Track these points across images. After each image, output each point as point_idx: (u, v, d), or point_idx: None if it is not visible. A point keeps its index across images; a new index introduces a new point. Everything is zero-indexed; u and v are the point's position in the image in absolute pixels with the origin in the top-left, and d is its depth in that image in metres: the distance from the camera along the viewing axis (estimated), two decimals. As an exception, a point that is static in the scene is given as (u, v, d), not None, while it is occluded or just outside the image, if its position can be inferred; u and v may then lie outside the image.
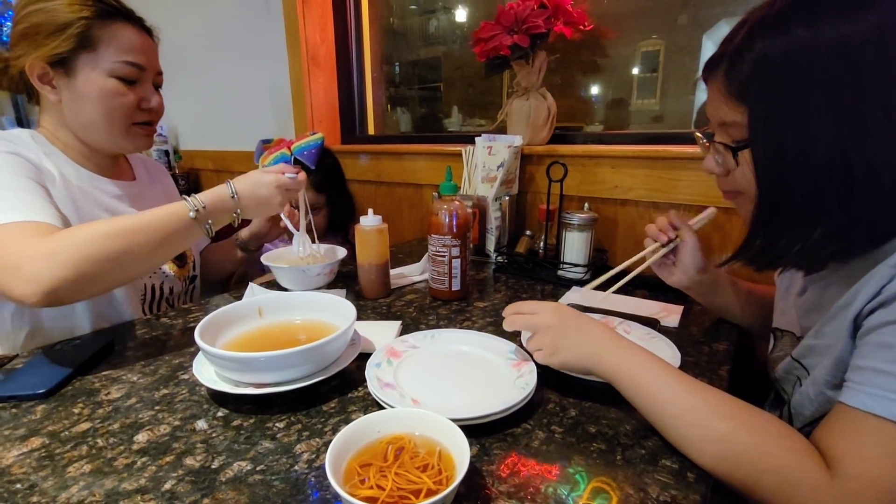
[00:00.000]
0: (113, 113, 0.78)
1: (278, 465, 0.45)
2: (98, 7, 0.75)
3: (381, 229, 0.88)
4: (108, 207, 0.84)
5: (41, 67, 0.74)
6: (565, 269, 1.00)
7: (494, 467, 0.44)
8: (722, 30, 1.14)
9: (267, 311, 0.68)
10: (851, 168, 0.43)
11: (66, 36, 0.73)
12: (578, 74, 1.36)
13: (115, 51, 0.76)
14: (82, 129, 0.80)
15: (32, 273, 0.59)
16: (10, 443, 0.48)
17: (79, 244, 0.61)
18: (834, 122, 0.43)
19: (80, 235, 0.63)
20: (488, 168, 1.14)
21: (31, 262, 0.59)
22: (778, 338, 0.64)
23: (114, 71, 0.77)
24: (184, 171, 2.31)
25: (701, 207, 1.02)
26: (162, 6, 2.12)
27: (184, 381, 0.60)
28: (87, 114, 0.78)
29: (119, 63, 0.77)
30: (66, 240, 0.62)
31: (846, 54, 0.41)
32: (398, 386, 0.56)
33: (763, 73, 0.45)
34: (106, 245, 0.63)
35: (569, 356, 0.55)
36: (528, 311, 0.59)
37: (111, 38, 0.76)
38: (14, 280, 0.59)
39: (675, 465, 0.45)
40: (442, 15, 1.65)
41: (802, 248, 0.48)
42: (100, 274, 0.63)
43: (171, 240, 0.69)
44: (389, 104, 1.88)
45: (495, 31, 1.14)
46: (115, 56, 0.76)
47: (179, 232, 0.69)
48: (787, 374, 0.57)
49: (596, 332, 0.55)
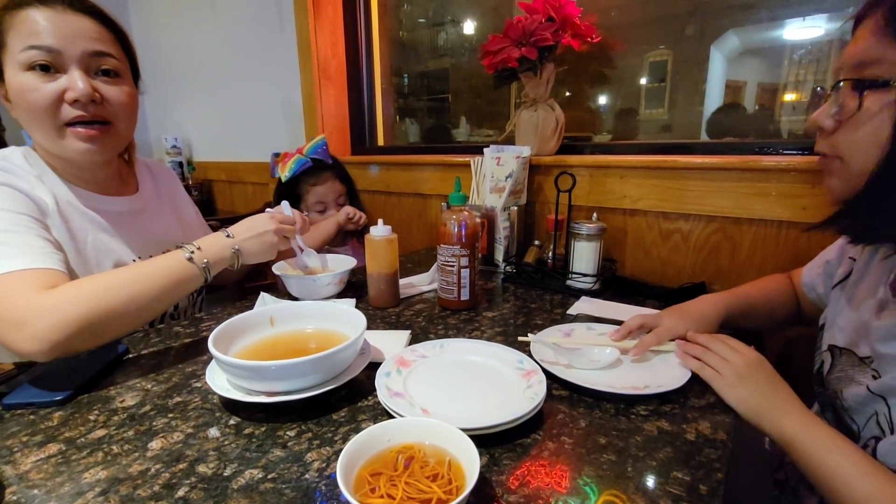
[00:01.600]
0: (33, 112, 0.68)
1: (289, 473, 0.45)
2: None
3: (391, 239, 0.89)
4: (107, 228, 0.81)
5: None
6: (574, 279, 1.00)
7: (504, 477, 0.44)
8: (730, 40, 1.15)
9: (278, 321, 0.68)
10: None
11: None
12: (586, 85, 1.37)
13: (21, 38, 0.66)
14: (35, 137, 0.72)
15: (38, 331, 0.60)
16: (28, 448, 0.49)
17: (82, 299, 0.62)
18: None
19: (84, 289, 0.63)
20: (497, 178, 1.15)
21: (35, 321, 0.60)
22: (836, 356, 0.61)
23: (23, 63, 0.67)
24: (197, 182, 2.35)
25: (711, 217, 1.02)
26: (177, 21, 2.18)
27: (196, 389, 0.61)
28: (23, 119, 0.70)
29: (25, 50, 0.66)
30: (69, 294, 0.62)
31: None
32: (408, 395, 0.56)
33: None
34: (108, 298, 0.63)
35: (747, 398, 0.55)
36: (734, 345, 0.60)
37: (16, 26, 0.66)
38: (19, 338, 0.60)
39: (688, 477, 0.45)
40: (450, 27, 1.67)
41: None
42: (103, 326, 0.64)
43: (171, 287, 0.69)
44: (398, 115, 1.90)
45: (504, 44, 1.16)
46: (21, 43, 0.66)
47: (178, 279, 0.69)
48: (859, 405, 0.55)
49: (785, 394, 0.55)
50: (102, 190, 0.83)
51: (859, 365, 0.56)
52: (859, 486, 0.46)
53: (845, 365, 0.59)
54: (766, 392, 0.55)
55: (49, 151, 0.75)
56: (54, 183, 0.77)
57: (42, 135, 0.72)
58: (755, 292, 0.78)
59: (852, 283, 0.63)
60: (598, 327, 0.76)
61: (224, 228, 0.77)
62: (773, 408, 0.53)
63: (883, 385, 0.52)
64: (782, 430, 0.52)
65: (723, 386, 0.57)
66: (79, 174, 0.80)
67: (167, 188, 1.01)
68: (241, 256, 0.76)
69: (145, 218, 0.90)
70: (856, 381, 0.56)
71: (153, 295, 0.67)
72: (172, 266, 0.69)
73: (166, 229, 0.94)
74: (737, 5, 1.12)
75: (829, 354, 0.63)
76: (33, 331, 0.60)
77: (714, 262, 1.03)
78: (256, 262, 0.81)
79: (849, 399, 0.56)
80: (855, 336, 0.58)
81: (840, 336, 0.61)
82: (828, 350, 0.63)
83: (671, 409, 0.56)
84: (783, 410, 0.53)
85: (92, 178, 0.82)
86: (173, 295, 0.70)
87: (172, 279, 0.69)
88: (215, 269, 0.73)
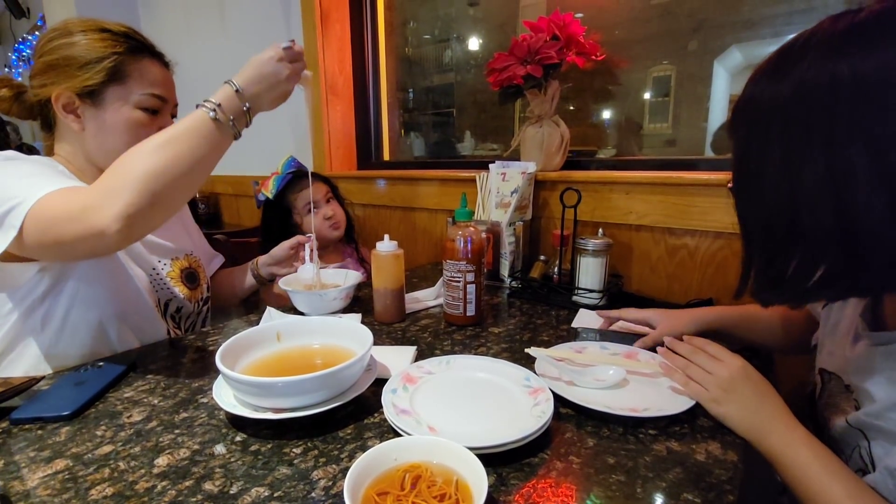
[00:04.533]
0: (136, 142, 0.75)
1: (295, 491, 0.45)
2: (130, 44, 0.80)
3: (397, 255, 0.89)
4: None
5: (68, 97, 0.77)
6: (580, 295, 0.99)
7: (512, 497, 0.44)
8: (733, 56, 1.16)
9: (285, 336, 0.69)
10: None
11: (99, 69, 0.76)
12: (591, 101, 1.39)
13: (142, 84, 0.81)
14: (104, 157, 0.81)
15: (106, 203, 0.58)
16: (35, 464, 0.49)
17: (134, 165, 0.61)
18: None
19: (129, 159, 0.62)
20: (502, 194, 1.15)
21: (99, 197, 0.59)
22: (826, 381, 0.60)
23: (140, 102, 0.81)
24: (204, 196, 2.37)
25: (717, 233, 1.01)
26: (186, 37, 2.23)
27: (203, 404, 0.61)
28: (111, 142, 0.80)
29: (145, 95, 0.81)
30: (118, 169, 0.62)
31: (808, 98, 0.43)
32: (414, 412, 0.56)
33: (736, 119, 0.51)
34: (155, 159, 0.62)
35: (734, 414, 0.54)
36: (712, 353, 0.59)
37: (139, 72, 0.80)
38: (91, 216, 0.59)
39: (698, 499, 0.44)
40: (456, 44, 1.70)
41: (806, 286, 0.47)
42: (162, 189, 0.62)
43: (207, 145, 0.67)
44: (404, 129, 1.92)
45: (509, 62, 1.17)
46: (141, 89, 0.80)
47: (211, 135, 0.67)
48: (842, 437, 0.54)
49: (772, 407, 0.53)
50: None
51: (844, 392, 0.56)
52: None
53: (833, 391, 0.58)
54: (752, 406, 0.53)
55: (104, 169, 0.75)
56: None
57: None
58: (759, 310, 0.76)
59: (838, 306, 0.62)
60: (611, 346, 0.75)
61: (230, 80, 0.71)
62: (759, 424, 0.52)
63: (859, 420, 0.51)
64: (768, 447, 0.51)
65: (709, 402, 0.56)
66: None
67: None
68: (251, 112, 0.73)
69: (158, 231, 0.93)
70: (841, 410, 0.55)
71: (196, 151, 0.65)
72: (200, 123, 0.66)
73: (175, 238, 0.98)
74: (739, 21, 1.14)
75: (820, 378, 0.62)
76: (111, 202, 0.58)
77: (722, 278, 1.02)
78: (272, 101, 0.76)
79: (834, 430, 0.56)
80: (840, 362, 0.58)
81: (829, 360, 0.61)
82: (819, 374, 0.62)
83: (680, 428, 0.56)
84: (769, 426, 0.52)
85: None
86: (213, 153, 0.68)
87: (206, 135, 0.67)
88: (239, 125, 0.71)
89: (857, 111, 0.41)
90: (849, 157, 0.41)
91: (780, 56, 0.47)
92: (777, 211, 0.46)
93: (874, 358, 0.51)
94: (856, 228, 0.42)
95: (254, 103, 0.72)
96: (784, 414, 0.53)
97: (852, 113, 0.41)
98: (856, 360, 0.54)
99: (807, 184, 0.43)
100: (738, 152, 0.51)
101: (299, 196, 1.33)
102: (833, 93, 0.41)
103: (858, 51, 0.40)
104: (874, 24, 0.41)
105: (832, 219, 0.43)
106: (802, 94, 0.43)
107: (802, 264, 0.46)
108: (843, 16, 0.43)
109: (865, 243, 0.42)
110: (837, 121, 0.41)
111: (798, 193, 0.44)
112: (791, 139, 0.44)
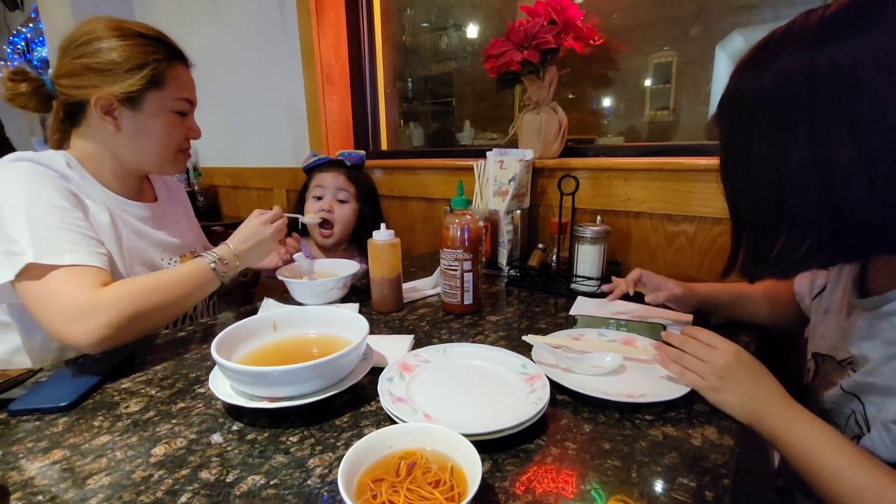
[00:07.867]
0: (169, 142, 0.86)
1: (291, 479, 0.45)
2: (167, 50, 0.82)
3: (394, 244, 0.89)
4: (138, 230, 0.88)
5: (108, 100, 0.78)
6: (578, 283, 0.99)
7: (507, 484, 0.44)
8: (735, 40, 1.14)
9: (282, 326, 0.69)
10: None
11: (142, 76, 0.78)
12: (590, 87, 1.37)
13: (178, 89, 0.84)
14: (136, 156, 0.85)
15: (93, 327, 0.66)
16: (32, 455, 0.49)
17: (130, 299, 0.70)
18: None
19: (131, 290, 0.71)
20: (500, 182, 1.14)
21: (92, 317, 0.66)
22: (819, 363, 0.62)
23: (174, 106, 0.85)
24: (203, 188, 2.36)
25: (716, 220, 1.01)
26: (182, 27, 2.20)
27: (200, 394, 0.61)
28: (146, 143, 0.84)
29: (180, 100, 0.85)
30: (119, 293, 0.70)
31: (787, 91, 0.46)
32: (410, 400, 0.56)
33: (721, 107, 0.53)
34: (146, 299, 0.71)
35: (732, 400, 0.54)
36: (706, 341, 0.59)
37: (175, 78, 0.84)
38: (76, 331, 0.66)
39: (693, 483, 0.44)
40: (453, 31, 1.67)
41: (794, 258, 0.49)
42: (145, 322, 0.72)
43: (196, 290, 0.79)
44: (402, 119, 1.91)
45: (506, 48, 1.16)
46: (176, 94, 0.84)
47: (204, 283, 0.79)
48: (837, 406, 0.55)
49: (768, 389, 0.54)
50: (134, 197, 0.90)
51: (839, 369, 0.57)
52: (848, 480, 0.45)
53: (827, 370, 0.60)
54: (748, 390, 0.54)
55: (141, 168, 0.89)
56: (91, 186, 0.83)
57: (156, 156, 0.87)
58: (748, 287, 0.81)
59: (828, 292, 0.64)
60: (609, 334, 0.75)
61: (226, 243, 0.86)
62: (756, 406, 0.53)
63: (853, 382, 0.53)
64: (767, 428, 0.52)
65: (706, 391, 0.56)
66: (121, 180, 0.88)
67: (178, 197, 1.08)
68: (240, 265, 0.86)
69: (164, 223, 0.95)
70: (834, 384, 0.56)
71: (183, 296, 0.77)
72: (198, 272, 0.79)
73: (181, 234, 1.00)
74: (741, 6, 1.12)
75: (813, 362, 0.64)
76: (88, 326, 0.66)
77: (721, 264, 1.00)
78: (257, 259, 0.92)
79: (827, 401, 0.57)
80: (834, 340, 0.59)
81: (822, 343, 0.62)
82: (811, 359, 0.64)
83: (676, 414, 0.56)
84: (766, 408, 0.52)
85: (128, 185, 0.89)
86: (198, 297, 0.80)
87: (198, 283, 0.79)
88: (228, 277, 0.84)
89: (834, 98, 0.43)
90: (829, 141, 0.44)
91: (759, 51, 0.49)
92: (764, 195, 0.49)
93: (866, 323, 0.54)
94: (839, 205, 0.45)
95: (242, 259, 0.86)
96: (780, 394, 0.53)
97: (830, 100, 0.44)
98: (850, 329, 0.56)
99: (791, 168, 0.46)
100: (724, 142, 0.53)
101: (316, 176, 1.28)
102: (811, 82, 0.44)
103: (832, 42, 0.43)
104: (843, 17, 0.44)
105: (816, 198, 0.46)
106: (782, 85, 0.46)
107: (790, 240, 0.49)
108: (814, 11, 0.46)
109: (848, 215, 0.45)
110: (816, 108, 0.44)
111: (783, 178, 0.47)
112: (774, 128, 0.47)
